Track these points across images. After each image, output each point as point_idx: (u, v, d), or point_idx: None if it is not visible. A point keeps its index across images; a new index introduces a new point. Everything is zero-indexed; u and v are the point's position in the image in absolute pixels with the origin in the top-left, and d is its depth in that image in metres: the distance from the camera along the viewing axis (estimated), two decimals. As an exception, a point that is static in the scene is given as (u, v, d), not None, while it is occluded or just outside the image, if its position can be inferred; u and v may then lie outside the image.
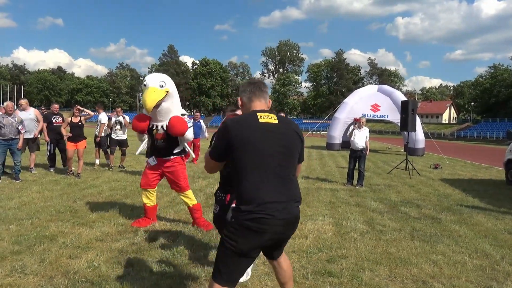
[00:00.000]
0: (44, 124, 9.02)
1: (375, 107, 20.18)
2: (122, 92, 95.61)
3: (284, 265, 2.55)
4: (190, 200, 4.93)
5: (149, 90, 4.46)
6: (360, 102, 20.62)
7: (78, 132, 8.55)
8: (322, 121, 36.04)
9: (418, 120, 16.40)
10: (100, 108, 10.77)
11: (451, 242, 4.72)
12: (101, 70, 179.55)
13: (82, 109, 8.85)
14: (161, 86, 4.53)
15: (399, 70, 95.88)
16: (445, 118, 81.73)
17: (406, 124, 11.54)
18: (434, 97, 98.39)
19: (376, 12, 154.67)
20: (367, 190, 8.40)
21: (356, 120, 9.22)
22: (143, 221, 4.97)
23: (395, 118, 18.31)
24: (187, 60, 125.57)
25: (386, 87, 22.16)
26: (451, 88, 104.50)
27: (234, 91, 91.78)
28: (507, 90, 67.21)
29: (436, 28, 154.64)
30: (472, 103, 76.76)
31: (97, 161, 10.38)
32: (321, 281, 3.43)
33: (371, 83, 74.40)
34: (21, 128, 7.69)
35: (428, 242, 4.69)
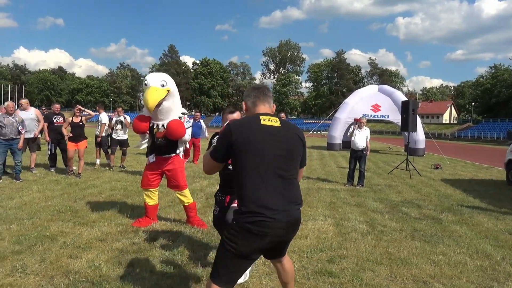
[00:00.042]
0: (45, 124, 9.03)
1: (376, 107, 20.17)
2: (122, 92, 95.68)
3: (287, 266, 2.55)
4: (187, 198, 4.99)
5: (150, 89, 4.46)
6: (361, 102, 20.61)
7: (79, 132, 8.55)
8: (323, 121, 36.09)
9: (418, 120, 16.40)
10: (100, 108, 10.78)
11: (451, 242, 4.72)
12: (101, 70, 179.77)
13: (83, 109, 8.85)
14: (162, 86, 4.53)
15: (399, 70, 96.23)
16: (445, 118, 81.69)
17: (407, 124, 11.54)
18: (435, 97, 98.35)
19: (376, 12, 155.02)
20: (368, 190, 8.40)
21: (356, 120, 9.23)
22: (144, 220, 4.97)
23: (396, 118, 18.32)
24: (188, 60, 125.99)
25: (386, 87, 22.15)
26: (452, 88, 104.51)
27: (235, 91, 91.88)
28: (507, 90, 67.14)
29: (436, 28, 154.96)
30: (473, 103, 76.68)
31: (97, 161, 10.39)
32: (321, 281, 3.43)
33: (371, 83, 74.45)
34: (21, 128, 7.70)
35: (428, 242, 4.69)
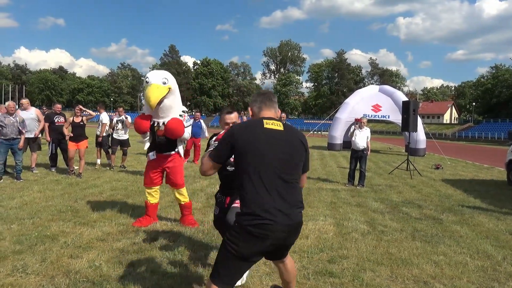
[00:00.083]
0: (46, 124, 9.03)
1: (376, 108, 20.16)
2: (123, 92, 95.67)
3: (289, 266, 2.57)
4: (183, 197, 5.03)
5: (152, 86, 4.46)
6: (361, 102, 20.59)
7: (79, 132, 8.54)
8: (323, 121, 36.12)
9: (419, 120, 16.36)
10: (101, 108, 10.80)
11: (452, 242, 4.72)
12: (102, 70, 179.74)
13: (84, 109, 8.86)
14: (164, 83, 4.55)
15: (400, 70, 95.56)
16: (446, 118, 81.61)
17: (408, 125, 11.53)
18: (436, 97, 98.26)
19: (377, 12, 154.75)
20: (368, 190, 8.39)
21: (357, 120, 9.23)
22: (144, 220, 4.98)
23: (396, 118, 18.30)
24: (188, 60, 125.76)
25: (387, 88, 22.13)
26: (453, 88, 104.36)
27: (235, 91, 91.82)
28: (508, 90, 67.02)
29: (437, 28, 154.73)
30: (474, 104, 76.56)
31: (98, 161, 10.40)
32: (322, 281, 3.43)
33: (372, 83, 74.41)
34: (22, 128, 7.70)
35: (429, 242, 4.69)
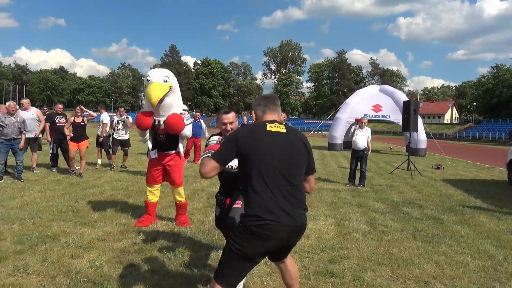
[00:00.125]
0: (47, 124, 9.04)
1: (377, 108, 20.15)
2: (124, 92, 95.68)
3: (290, 266, 2.59)
4: (180, 196, 5.08)
5: (153, 85, 4.47)
6: (362, 102, 20.58)
7: (80, 132, 8.54)
8: (324, 121, 36.14)
9: (420, 120, 16.29)
10: (102, 108, 10.80)
11: (453, 242, 4.72)
12: (103, 70, 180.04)
13: (84, 109, 8.86)
14: (165, 81, 4.56)
15: (401, 70, 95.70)
16: (447, 118, 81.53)
17: (408, 125, 11.52)
18: (436, 97, 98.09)
19: (377, 12, 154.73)
20: (369, 190, 8.39)
21: (357, 120, 9.22)
22: (146, 219, 5.01)
23: (397, 118, 18.29)
24: (189, 60, 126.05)
25: (388, 87, 22.10)
26: (453, 88, 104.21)
27: (236, 91, 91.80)
28: (509, 90, 66.95)
29: (438, 28, 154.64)
30: (474, 104, 76.49)
31: (99, 161, 10.40)
32: (323, 281, 3.43)
33: (373, 83, 74.41)
34: (23, 128, 7.71)
35: (430, 242, 4.69)
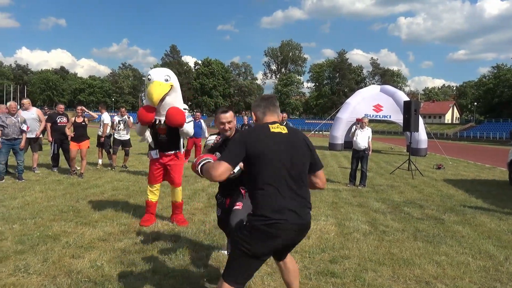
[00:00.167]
0: (48, 124, 9.05)
1: (378, 107, 20.14)
2: (124, 92, 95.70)
3: (290, 265, 2.64)
4: (177, 196, 5.12)
5: (154, 84, 4.48)
6: (363, 102, 20.57)
7: (81, 132, 8.54)
8: (325, 121, 36.13)
9: (420, 120, 16.31)
10: (102, 108, 10.80)
11: (454, 242, 4.71)
12: (103, 70, 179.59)
13: (85, 110, 8.86)
14: (166, 80, 4.58)
15: (401, 70, 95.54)
16: (448, 118, 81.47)
17: (409, 125, 11.51)
18: (437, 97, 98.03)
19: (378, 12, 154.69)
20: (370, 190, 8.38)
21: (358, 120, 9.22)
22: (149, 218, 5.04)
23: (398, 118, 18.27)
24: (190, 60, 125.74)
25: (388, 87, 22.08)
26: (454, 88, 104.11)
27: (236, 91, 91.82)
28: (510, 90, 66.86)
29: (439, 28, 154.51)
30: (475, 103, 76.42)
31: (99, 161, 10.41)
32: (323, 281, 3.43)
33: (373, 83, 74.33)
34: (26, 128, 7.72)
35: (431, 242, 4.68)
